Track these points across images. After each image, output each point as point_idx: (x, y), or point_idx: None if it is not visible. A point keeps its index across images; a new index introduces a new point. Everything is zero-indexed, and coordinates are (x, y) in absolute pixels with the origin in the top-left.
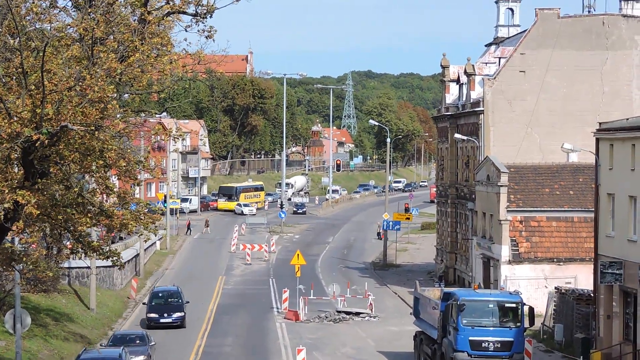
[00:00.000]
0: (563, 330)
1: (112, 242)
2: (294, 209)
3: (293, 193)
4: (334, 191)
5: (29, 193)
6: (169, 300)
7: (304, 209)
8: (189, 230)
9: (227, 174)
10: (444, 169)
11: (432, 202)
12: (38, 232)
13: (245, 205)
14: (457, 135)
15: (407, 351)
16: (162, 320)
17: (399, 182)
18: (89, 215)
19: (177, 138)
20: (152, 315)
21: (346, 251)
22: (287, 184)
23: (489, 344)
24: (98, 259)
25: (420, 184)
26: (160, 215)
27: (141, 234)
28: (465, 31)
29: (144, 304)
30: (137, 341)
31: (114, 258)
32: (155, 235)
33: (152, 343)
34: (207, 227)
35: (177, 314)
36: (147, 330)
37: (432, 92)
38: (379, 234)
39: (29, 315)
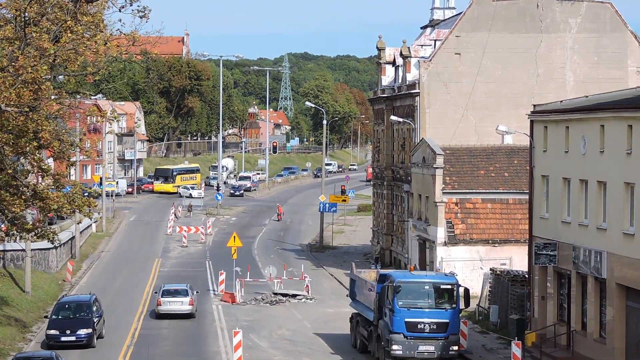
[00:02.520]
0: (498, 312)
1: (50, 224)
2: (231, 192)
3: (227, 176)
4: (244, 178)
5: None
6: (77, 314)
7: (242, 191)
8: (176, 214)
9: (163, 156)
10: (380, 151)
11: (368, 181)
12: None
13: (192, 187)
14: (393, 118)
15: (343, 333)
16: (63, 339)
17: (330, 164)
18: (23, 197)
19: (112, 120)
20: (52, 332)
21: (282, 233)
22: (221, 167)
23: (424, 326)
24: (34, 240)
25: (350, 167)
26: (95, 200)
27: (74, 218)
28: (401, 13)
29: (45, 317)
30: None
31: (51, 237)
32: (90, 219)
33: None
34: (190, 211)
35: (82, 331)
36: (53, 350)
37: (368, 74)
38: (278, 214)
39: None
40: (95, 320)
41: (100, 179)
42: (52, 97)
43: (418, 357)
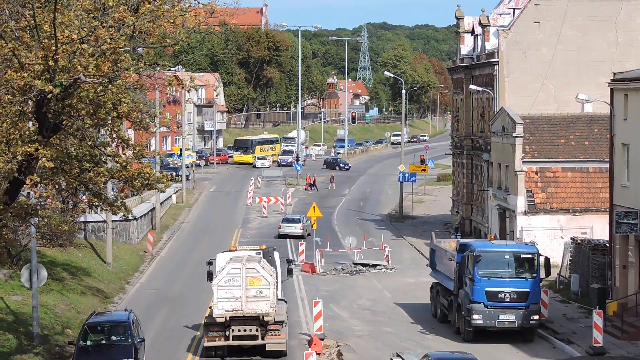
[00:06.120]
0: (579, 281)
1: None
2: (340, 165)
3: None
4: (287, 152)
5: (43, 147)
6: (112, 337)
7: (349, 166)
8: (315, 187)
9: (242, 126)
10: (459, 121)
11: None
12: (53, 186)
13: (260, 157)
14: (472, 87)
15: (423, 302)
16: None
17: (398, 135)
18: (107, 170)
19: (190, 90)
20: None
21: (362, 203)
22: (292, 138)
23: (505, 295)
24: (114, 213)
25: (420, 137)
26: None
27: (157, 189)
28: None
29: (71, 343)
30: None
31: (124, 211)
32: (164, 192)
33: None
34: (333, 182)
35: None
36: None
37: (447, 44)
38: (306, 183)
39: (45, 268)
40: (137, 347)
41: (180, 150)
42: (131, 68)
43: (498, 327)
